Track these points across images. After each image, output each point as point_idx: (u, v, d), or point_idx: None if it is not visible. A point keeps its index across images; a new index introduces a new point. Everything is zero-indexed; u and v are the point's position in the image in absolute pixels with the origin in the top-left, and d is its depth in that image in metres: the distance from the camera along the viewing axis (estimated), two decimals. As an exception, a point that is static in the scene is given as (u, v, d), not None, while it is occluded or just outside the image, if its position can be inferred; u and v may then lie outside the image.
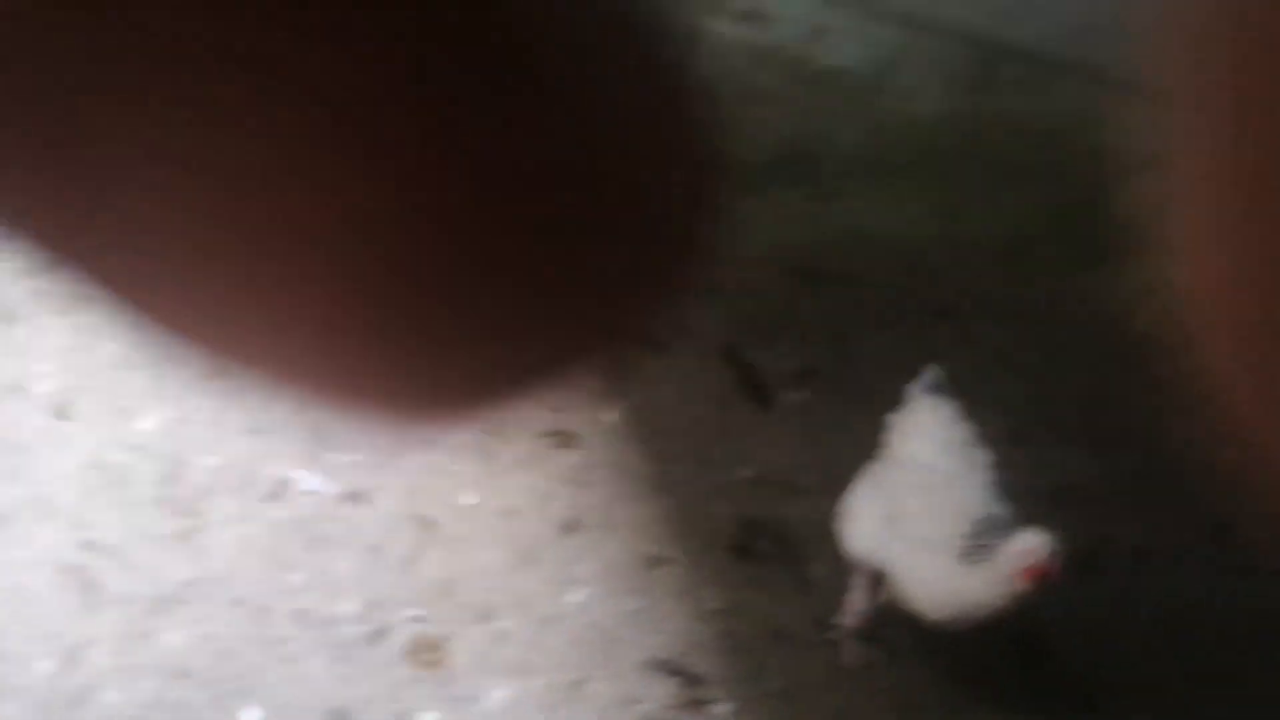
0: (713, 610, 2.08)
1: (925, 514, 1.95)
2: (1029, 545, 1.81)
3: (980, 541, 1.88)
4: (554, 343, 0.17)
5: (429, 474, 2.06)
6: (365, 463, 2.03)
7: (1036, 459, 2.48)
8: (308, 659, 1.73)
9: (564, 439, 2.23)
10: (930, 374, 2.13)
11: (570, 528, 2.09)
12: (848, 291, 2.93)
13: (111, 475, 1.83)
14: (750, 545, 2.23)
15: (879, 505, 2.02)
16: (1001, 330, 2.95)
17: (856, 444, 2.53)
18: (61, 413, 1.88)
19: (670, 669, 1.96)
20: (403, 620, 1.83)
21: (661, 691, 1.93)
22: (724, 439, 2.41)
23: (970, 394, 2.23)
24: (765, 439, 2.45)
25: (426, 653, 1.81)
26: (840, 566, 2.26)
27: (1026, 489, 2.16)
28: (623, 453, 2.27)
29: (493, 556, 1.98)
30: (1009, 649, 2.23)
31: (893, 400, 2.70)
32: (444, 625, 1.85)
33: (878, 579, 2.07)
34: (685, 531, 2.19)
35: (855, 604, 2.09)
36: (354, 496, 1.96)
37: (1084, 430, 2.63)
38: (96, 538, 1.74)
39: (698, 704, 1.95)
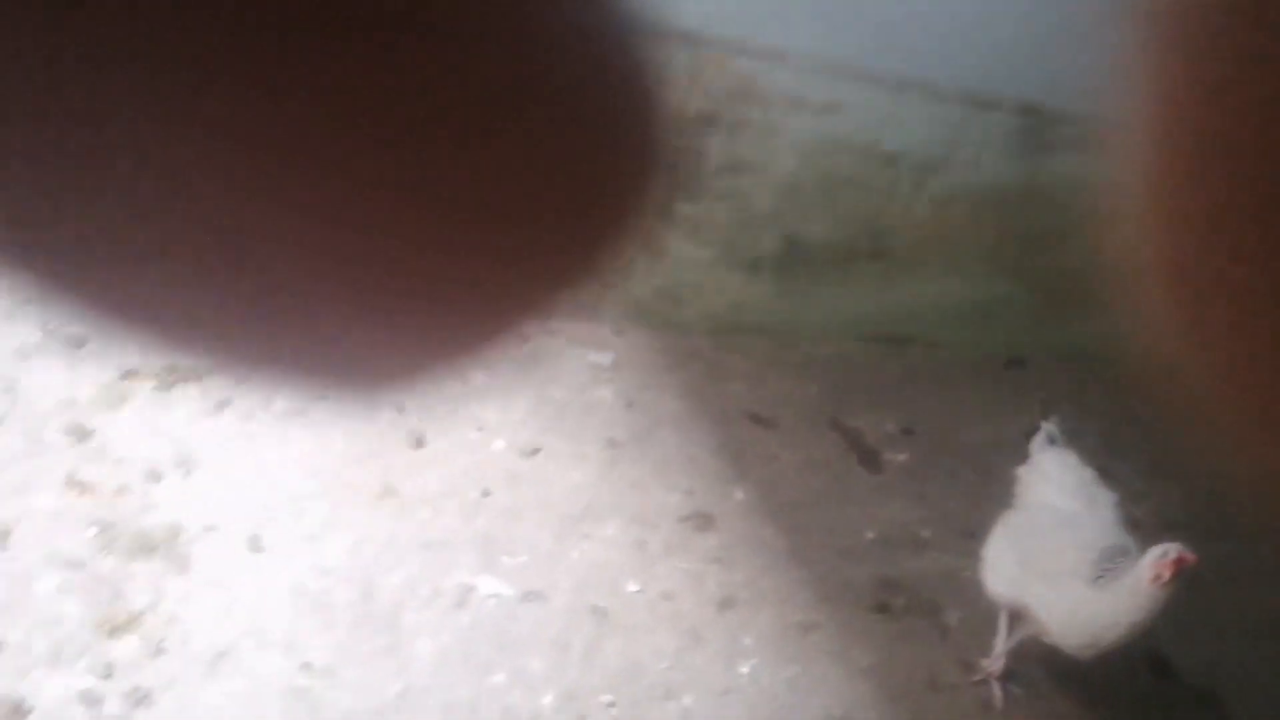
0: (866, 667, 2.15)
1: (1058, 550, 2.05)
2: (1162, 553, 1.89)
3: (1110, 565, 1.97)
4: (490, 312, 0.17)
5: (591, 567, 2.14)
6: (534, 563, 2.11)
7: (1122, 491, 2.54)
8: (521, 755, 1.80)
9: (703, 521, 2.32)
10: (1048, 427, 2.25)
11: (726, 604, 2.17)
12: (929, 353, 3.05)
13: (313, 600, 1.91)
14: (889, 602, 2.31)
15: (1014, 549, 2.12)
16: (1068, 373, 3.06)
17: (963, 494, 2.63)
18: (255, 546, 1.96)
19: (844, 728, 2.02)
20: (599, 706, 1.90)
21: (848, 750, 2.01)
22: (844, 504, 2.50)
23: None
24: (880, 500, 2.55)
25: (626, 737, 1.88)
26: (973, 611, 2.34)
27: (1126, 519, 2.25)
28: (757, 528, 2.35)
29: (663, 639, 2.06)
30: (1136, 670, 2.31)
31: (987, 449, 2.80)
32: (635, 708, 1.92)
33: (1017, 618, 2.15)
34: (827, 596, 2.27)
35: (999, 645, 2.17)
36: (531, 596, 2.04)
37: (1156, 459, 2.73)
38: (310, 660, 1.81)
39: (882, 758, 2.02)
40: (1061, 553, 2.04)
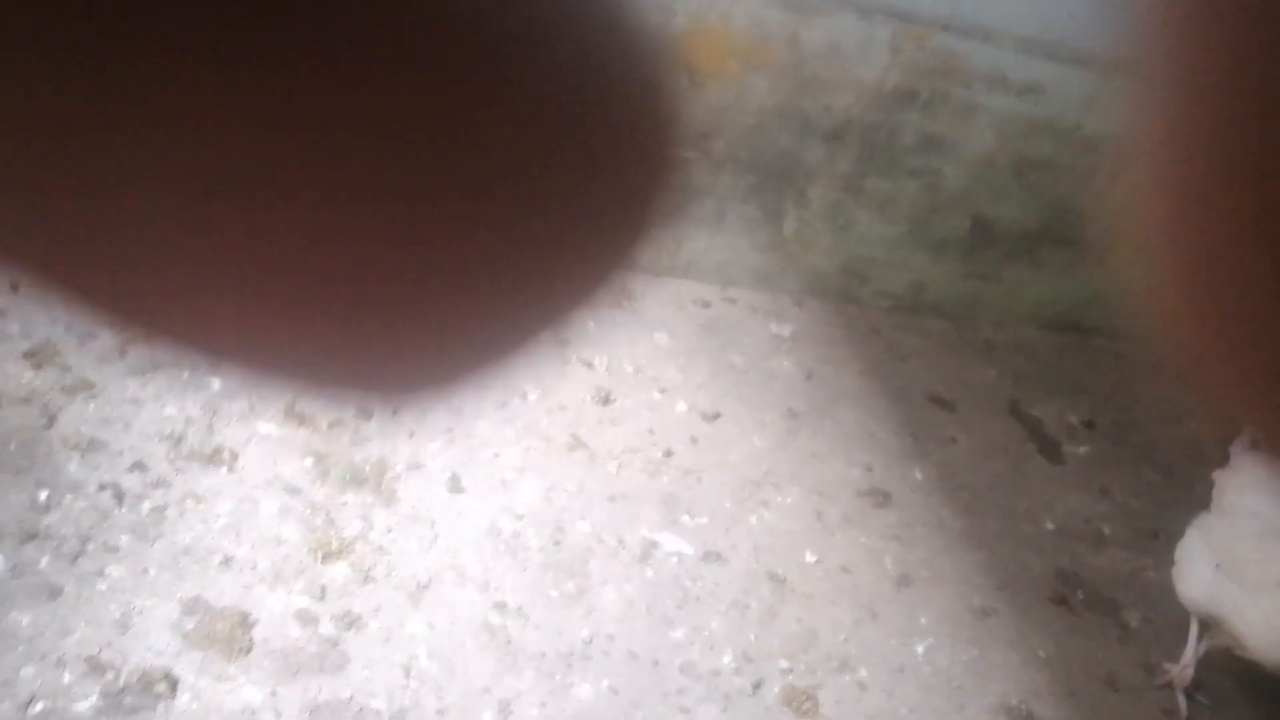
0: (1044, 658, 2.10)
1: (1262, 559, 1.95)
2: None
3: None
4: (510, 315, 0.17)
5: (770, 533, 2.15)
6: (714, 525, 2.13)
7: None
8: (702, 708, 1.82)
9: (881, 498, 2.30)
10: (1251, 430, 2.14)
11: (903, 582, 2.15)
12: (1114, 345, 2.94)
13: (506, 542, 1.97)
14: (1068, 595, 2.25)
15: (1211, 555, 2.03)
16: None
17: (1146, 493, 2.54)
18: (455, 486, 2.03)
19: (1019, 715, 1.98)
20: (776, 671, 1.91)
21: (1027, 738, 1.97)
22: (1023, 492, 2.44)
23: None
24: (1060, 491, 2.47)
25: (803, 701, 1.88)
26: (1156, 614, 2.26)
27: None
28: (935, 509, 2.32)
29: (840, 611, 2.05)
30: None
31: (1170, 448, 2.69)
32: (811, 676, 1.92)
33: (1208, 627, 2.07)
34: (1006, 583, 2.22)
35: (1189, 653, 2.09)
36: (711, 556, 2.06)
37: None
38: (505, 600, 1.87)
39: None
40: (1266, 562, 1.94)
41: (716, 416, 2.36)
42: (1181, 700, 2.10)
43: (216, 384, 2.07)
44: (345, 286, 0.15)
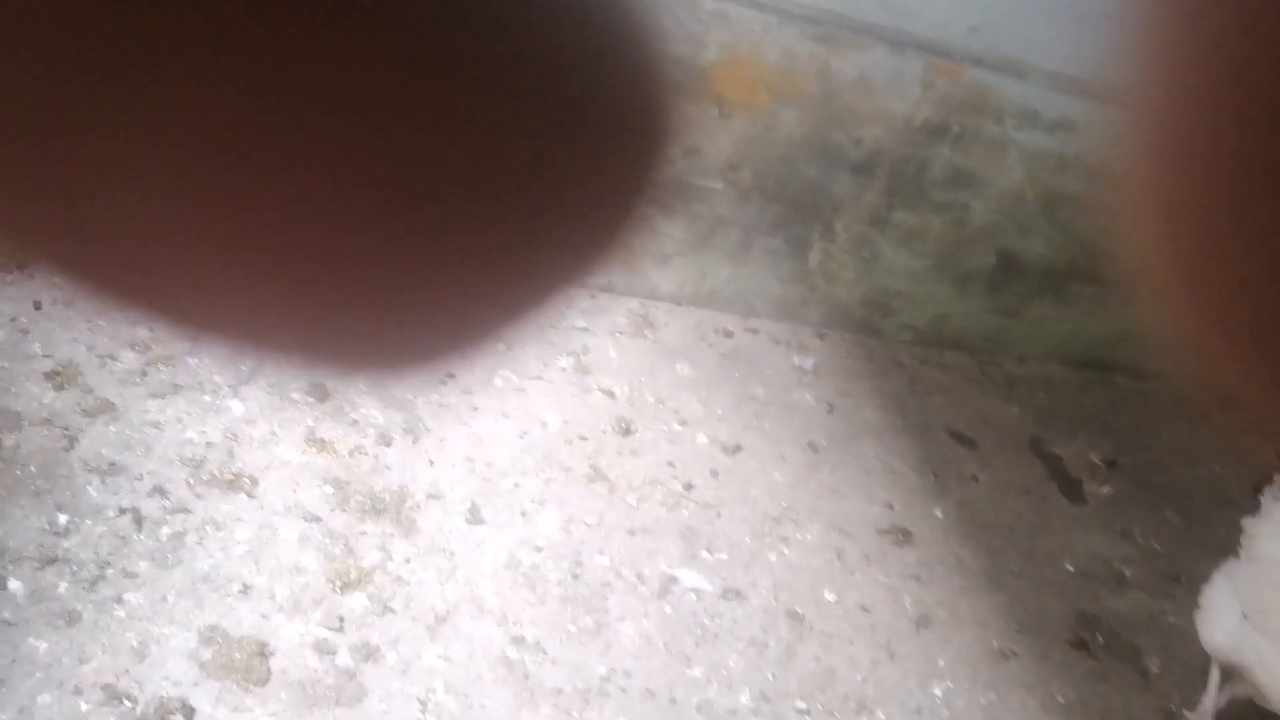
0: (1063, 703, 2.07)
1: (1287, 612, 1.91)
2: None
3: None
4: (509, 294, 0.17)
5: (790, 571, 2.11)
6: (734, 561, 2.10)
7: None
8: (718, 751, 1.79)
9: (902, 536, 2.26)
10: (1280, 481, 2.11)
11: (922, 623, 2.11)
12: (1138, 384, 2.90)
13: (525, 575, 1.94)
14: (1088, 639, 2.21)
15: (1237, 603, 1.99)
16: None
17: (1168, 536, 2.50)
18: (474, 517, 2.00)
19: (1038, 764, 1.95)
20: (793, 711, 1.88)
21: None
22: (1044, 533, 2.40)
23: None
24: (1081, 532, 2.44)
25: (819, 746, 1.85)
26: (1177, 660, 2.22)
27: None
28: (955, 549, 2.28)
29: (858, 651, 2.02)
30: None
31: (1193, 490, 2.65)
32: (829, 717, 1.89)
33: (1230, 675, 2.03)
34: (1025, 626, 2.18)
35: (1208, 702, 2.05)
36: (730, 593, 2.03)
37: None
38: (523, 634, 1.84)
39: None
40: (1292, 614, 1.91)
41: (737, 449, 2.32)
42: (1202, 749, 2.06)
43: (237, 408, 2.04)
44: (339, 271, 0.15)
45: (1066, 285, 2.71)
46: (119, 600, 1.69)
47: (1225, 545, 2.28)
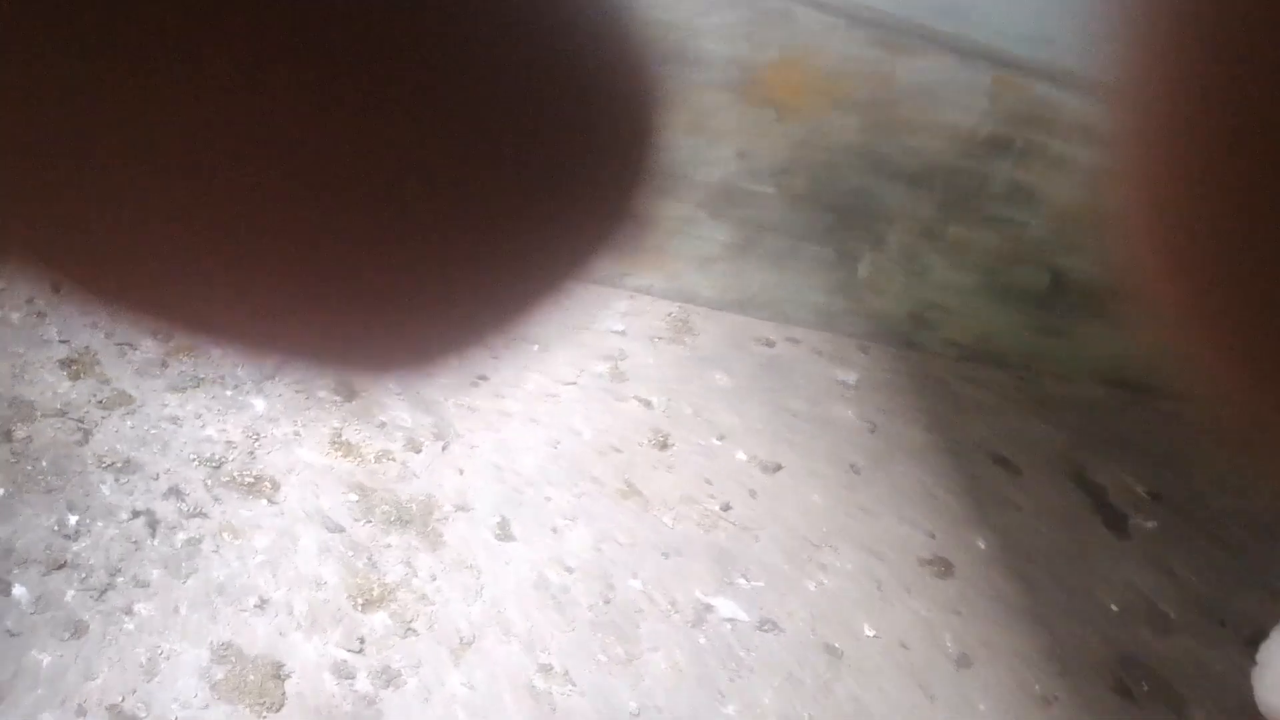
0: (1104, 753, 1.95)
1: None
2: None
3: None
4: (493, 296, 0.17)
5: (828, 601, 1.99)
6: (770, 589, 1.97)
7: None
8: (750, 795, 1.67)
9: (943, 567, 2.14)
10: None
11: (962, 662, 1.99)
12: (1178, 407, 2.77)
13: (554, 597, 1.81)
14: (1130, 684, 2.09)
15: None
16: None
17: (1213, 575, 2.37)
18: (503, 532, 1.88)
19: (1079, 818, 1.83)
20: (829, 756, 1.76)
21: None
22: (1086, 567, 2.27)
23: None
24: (1124, 567, 2.31)
25: (855, 793, 1.73)
26: (1222, 710, 2.10)
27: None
28: (997, 582, 2.16)
29: (896, 690, 1.90)
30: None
31: (1237, 524, 2.52)
32: (865, 763, 1.77)
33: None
34: (1067, 668, 2.06)
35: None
36: (767, 624, 1.91)
37: None
38: (550, 661, 1.72)
39: None
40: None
41: (777, 468, 2.19)
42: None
43: (260, 405, 1.91)
44: (342, 271, 0.15)
45: (1114, 305, 2.56)
46: (129, 611, 1.57)
47: (1269, 584, 2.16)
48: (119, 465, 1.74)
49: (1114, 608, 2.21)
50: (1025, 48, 2.17)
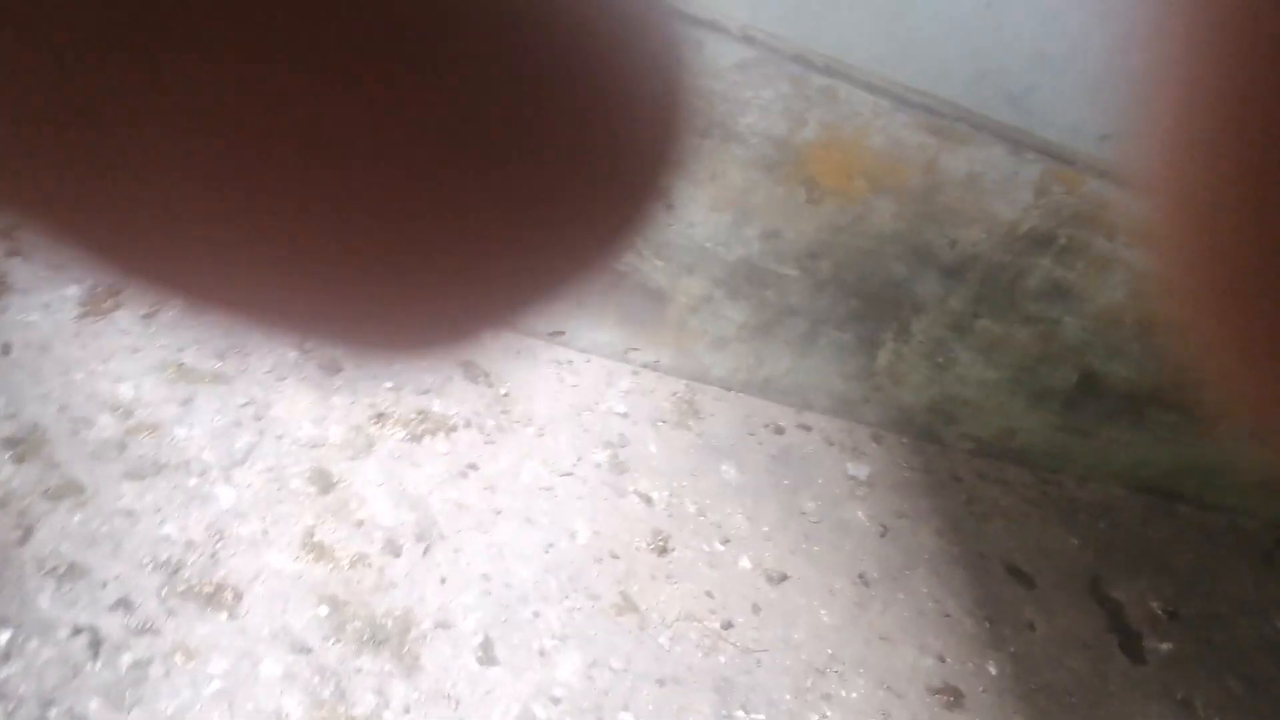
0: None
1: None
2: None
3: None
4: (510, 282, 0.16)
5: (832, 738, 1.81)
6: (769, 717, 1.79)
7: None
8: None
9: (953, 698, 1.96)
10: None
11: (971, 809, 1.82)
12: (1200, 515, 2.60)
13: (539, 734, 1.62)
14: (1144, 836, 1.92)
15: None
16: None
17: (1232, 710, 2.20)
18: (487, 655, 1.68)
19: None
20: None
21: None
22: (1101, 700, 2.10)
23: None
24: (1141, 701, 2.14)
25: None
26: None
27: None
28: (1009, 714, 1.98)
29: (901, 844, 1.73)
30: None
31: (1256, 651, 2.36)
32: None
33: None
34: (1078, 815, 1.90)
35: None
36: (766, 767, 1.72)
37: None
38: (531, 812, 1.53)
39: None
40: None
41: (783, 579, 2.00)
42: None
43: (228, 497, 1.70)
44: (353, 250, 0.15)
45: (1146, 410, 2.38)
46: (61, 755, 1.36)
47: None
48: (62, 570, 1.52)
49: (1128, 745, 2.05)
50: (1082, 142, 1.97)
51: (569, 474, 1.99)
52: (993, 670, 2.03)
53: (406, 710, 1.57)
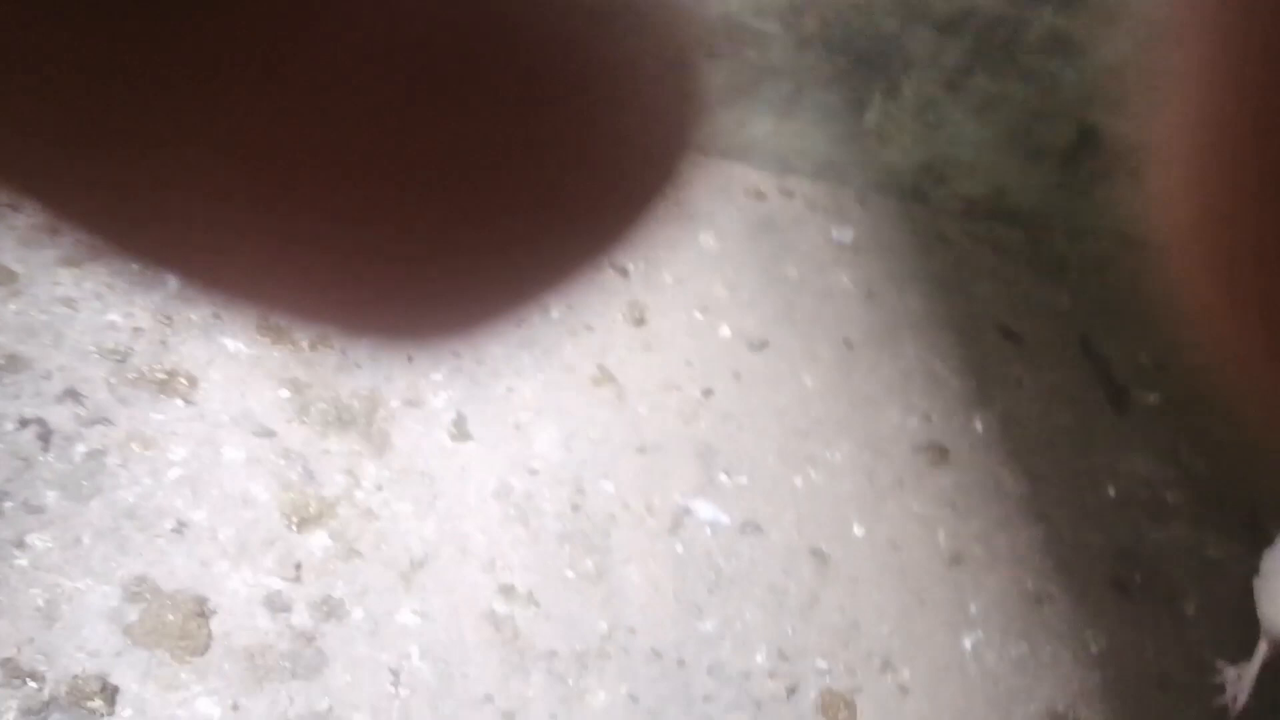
0: (1095, 654, 1.78)
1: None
2: None
3: None
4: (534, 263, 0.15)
5: (816, 499, 1.75)
6: (755, 487, 1.73)
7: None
8: (730, 717, 1.49)
9: (938, 454, 1.90)
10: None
11: (955, 560, 1.79)
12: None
13: (518, 505, 1.56)
14: (1127, 580, 1.91)
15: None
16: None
17: (1216, 457, 2.15)
18: (460, 430, 1.59)
19: (1066, 725, 1.68)
20: (812, 671, 1.57)
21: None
22: (1087, 450, 2.05)
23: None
24: (1125, 449, 2.08)
25: (839, 710, 1.55)
26: (1214, 599, 1.94)
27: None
28: (994, 469, 1.93)
29: (886, 597, 1.70)
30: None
31: (1243, 403, 2.29)
32: (851, 678, 1.59)
33: (1278, 647, 1.74)
34: (1063, 564, 1.86)
35: (1247, 680, 1.76)
36: (750, 528, 1.67)
37: None
38: (513, 582, 1.49)
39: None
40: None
41: (764, 345, 1.90)
42: (1232, 706, 1.80)
43: (174, 281, 1.57)
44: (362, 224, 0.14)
45: (1144, 163, 2.22)
46: (20, 545, 1.29)
47: (1268, 459, 1.95)
48: (2, 362, 1.41)
49: (1113, 494, 2.00)
50: None
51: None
52: (979, 427, 1.97)
53: (379, 488, 1.49)
